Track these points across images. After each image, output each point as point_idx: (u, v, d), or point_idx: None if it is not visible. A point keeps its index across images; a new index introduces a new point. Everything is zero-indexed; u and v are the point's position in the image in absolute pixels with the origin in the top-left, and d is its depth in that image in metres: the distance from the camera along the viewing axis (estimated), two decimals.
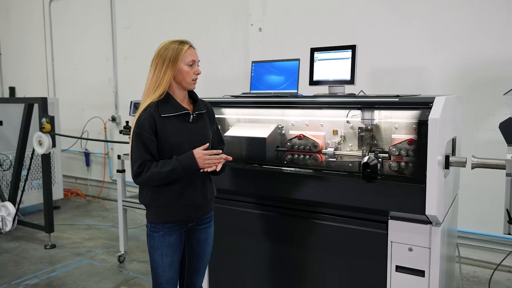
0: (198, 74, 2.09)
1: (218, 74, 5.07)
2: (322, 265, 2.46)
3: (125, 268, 3.89)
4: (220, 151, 2.08)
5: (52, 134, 4.35)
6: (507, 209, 1.99)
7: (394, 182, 2.13)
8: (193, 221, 2.14)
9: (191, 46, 2.08)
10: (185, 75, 2.04)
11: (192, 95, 2.17)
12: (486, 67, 3.56)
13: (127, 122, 4.18)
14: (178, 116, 2.04)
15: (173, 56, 2.02)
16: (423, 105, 2.08)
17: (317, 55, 2.72)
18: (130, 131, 4.08)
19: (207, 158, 1.98)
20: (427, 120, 1.96)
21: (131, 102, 4.19)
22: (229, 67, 5.00)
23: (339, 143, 2.45)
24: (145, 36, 5.68)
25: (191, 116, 2.07)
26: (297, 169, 2.43)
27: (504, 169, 1.98)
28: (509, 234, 2.06)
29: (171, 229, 2.08)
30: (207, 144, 2.04)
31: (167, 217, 2.06)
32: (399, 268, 2.20)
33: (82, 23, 6.42)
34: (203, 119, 2.14)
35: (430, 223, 2.10)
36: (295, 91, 2.79)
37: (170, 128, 2.01)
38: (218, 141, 2.27)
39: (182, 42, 2.07)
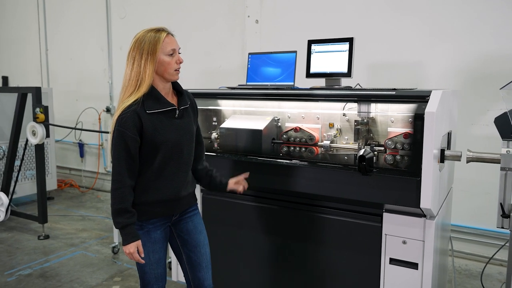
0: (180, 63, 1.95)
1: (214, 65, 5.04)
2: (316, 257, 2.46)
3: (119, 259, 3.89)
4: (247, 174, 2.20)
5: (46, 124, 4.31)
6: (500, 203, 2.00)
7: (389, 175, 2.13)
8: (176, 214, 2.08)
9: (169, 33, 1.95)
10: (166, 66, 1.91)
11: (176, 87, 2.05)
12: (483, 63, 3.57)
13: None
14: (164, 112, 1.92)
15: (150, 48, 1.87)
16: (420, 98, 2.07)
17: (314, 47, 2.71)
18: None
19: (133, 258, 1.89)
20: (423, 114, 1.96)
21: None
22: (225, 59, 4.97)
23: (335, 136, 2.45)
24: (141, 27, 5.51)
25: (177, 112, 1.97)
26: (293, 162, 2.43)
27: (499, 163, 1.98)
28: (502, 228, 2.07)
29: (155, 225, 2.01)
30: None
31: (149, 214, 1.98)
32: (393, 261, 2.22)
33: (77, 13, 6.35)
34: (187, 113, 2.04)
35: (424, 216, 2.12)
36: (292, 83, 2.78)
37: (156, 125, 1.89)
38: (197, 141, 2.14)
39: (159, 30, 1.92)
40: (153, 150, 1.91)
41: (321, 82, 2.75)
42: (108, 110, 6.08)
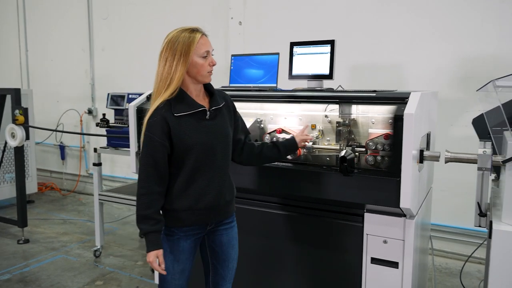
0: (213, 65, 1.89)
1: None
2: (299, 257, 2.48)
3: (101, 262, 3.84)
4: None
5: (26, 126, 4.23)
6: (477, 202, 2.05)
7: (370, 176, 2.15)
8: (211, 224, 1.97)
9: (203, 34, 1.87)
10: (199, 69, 1.84)
11: (208, 87, 1.98)
12: (462, 65, 3.65)
13: (103, 114, 4.10)
14: (193, 114, 1.84)
15: (184, 49, 1.80)
16: (399, 100, 2.11)
17: (296, 49, 2.73)
18: (107, 124, 4.05)
19: (153, 267, 1.82)
20: (403, 115, 1.99)
21: (108, 94, 4.13)
22: None
23: (317, 137, 2.47)
24: (124, 27, 5.58)
25: (208, 113, 1.88)
26: (275, 163, 2.44)
27: (476, 163, 2.03)
28: (479, 226, 2.12)
29: (187, 234, 1.91)
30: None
31: (182, 221, 1.89)
32: (374, 260, 2.24)
33: (58, 13, 6.26)
34: (221, 114, 1.94)
35: (404, 216, 2.15)
36: (275, 85, 2.79)
37: (185, 128, 1.81)
38: (242, 129, 2.11)
39: (194, 31, 1.84)
40: (184, 154, 1.83)
41: (304, 83, 2.77)
42: (90, 111, 6.01)
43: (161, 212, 1.89)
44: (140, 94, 3.09)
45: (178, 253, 1.91)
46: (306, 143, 2.25)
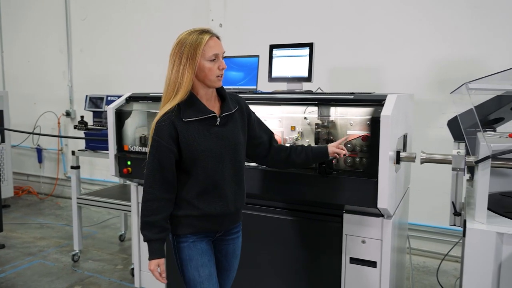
0: (222, 69, 1.79)
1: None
2: (279, 258, 2.49)
3: (79, 267, 3.78)
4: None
5: (1, 129, 4.14)
6: (452, 202, 2.10)
7: (349, 177, 2.19)
8: (221, 231, 1.92)
9: (213, 35, 1.78)
10: (207, 73, 1.75)
11: (220, 91, 1.89)
12: (438, 68, 3.74)
13: (82, 117, 4.05)
14: (203, 120, 1.78)
15: (191, 52, 1.72)
16: (376, 102, 2.15)
17: (275, 51, 2.75)
18: (85, 126, 3.99)
19: (154, 275, 1.77)
20: (379, 117, 2.03)
21: (87, 96, 4.08)
22: None
23: (296, 139, 2.49)
24: (103, 29, 5.51)
25: (218, 119, 1.81)
26: (255, 164, 2.45)
27: (450, 164, 2.08)
28: (454, 225, 2.17)
29: (199, 236, 1.85)
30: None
31: (195, 227, 1.83)
32: (353, 260, 2.28)
33: (35, 14, 6.13)
34: (233, 120, 1.86)
35: (382, 216, 2.19)
36: (255, 87, 2.81)
37: (193, 134, 1.76)
38: (263, 131, 2.03)
39: (203, 32, 1.76)
40: (193, 161, 1.77)
41: (283, 86, 2.79)
42: (68, 114, 5.91)
43: (168, 220, 1.83)
44: (119, 96, 3.05)
45: (198, 256, 1.84)
46: (339, 156, 2.07)
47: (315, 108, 2.40)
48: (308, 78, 2.65)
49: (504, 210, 2.00)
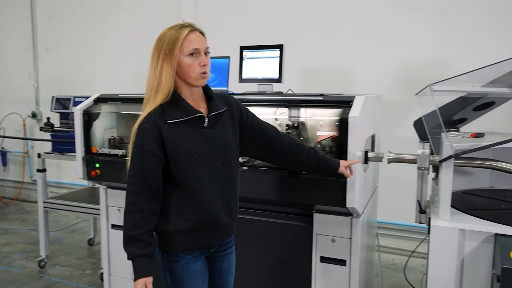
0: (204, 65, 1.65)
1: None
2: (250, 259, 2.50)
3: (46, 273, 3.67)
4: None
5: None
6: (418, 200, 2.16)
7: (318, 177, 2.21)
8: (215, 246, 1.79)
9: (193, 29, 1.65)
10: (187, 70, 1.62)
11: (206, 91, 1.76)
12: (406, 70, 3.85)
13: (48, 118, 3.93)
14: (189, 120, 1.65)
15: (168, 48, 1.60)
16: (345, 103, 2.19)
17: (246, 53, 2.76)
18: (51, 128, 3.89)
19: None
20: (348, 118, 2.07)
21: (53, 97, 3.98)
22: None
23: None
24: (70, 28, 5.37)
25: (206, 120, 1.69)
26: None
27: (416, 163, 2.14)
28: (420, 223, 2.23)
29: (194, 255, 1.71)
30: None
31: (188, 243, 1.69)
32: (323, 259, 2.31)
33: None
34: (223, 120, 1.73)
35: (351, 215, 2.23)
36: (226, 88, 2.81)
37: (179, 137, 1.62)
38: (263, 128, 1.89)
39: (183, 26, 1.64)
40: (180, 166, 1.63)
41: (254, 87, 2.80)
42: (34, 115, 5.73)
43: (154, 233, 1.68)
44: (87, 97, 2.99)
45: (192, 278, 1.70)
46: (344, 175, 2.02)
47: (286, 109, 2.42)
48: (279, 80, 2.67)
49: (466, 207, 2.08)
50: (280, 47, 2.66)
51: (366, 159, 2.23)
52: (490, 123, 3.12)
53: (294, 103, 2.37)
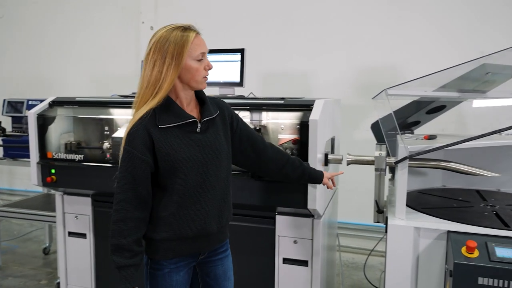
0: (209, 69, 1.66)
1: (107, 72, 4.82)
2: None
3: None
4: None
5: None
6: (376, 200, 2.23)
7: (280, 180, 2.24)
8: (204, 253, 1.75)
9: (198, 33, 1.64)
10: (194, 73, 1.60)
11: (199, 95, 1.73)
12: (363, 74, 3.98)
13: None
14: (182, 126, 1.60)
15: (176, 50, 1.56)
16: (305, 107, 2.23)
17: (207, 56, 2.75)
18: (3, 132, 3.71)
19: None
20: (308, 121, 2.11)
21: (5, 100, 3.81)
22: (119, 65, 4.78)
23: None
24: (22, 28, 5.14)
25: (199, 125, 1.65)
26: None
27: (374, 164, 2.21)
28: (378, 222, 2.31)
29: (178, 265, 1.67)
30: None
31: (173, 252, 1.65)
32: (285, 260, 2.34)
33: None
34: (215, 126, 1.70)
35: (312, 216, 2.27)
36: None
37: (171, 142, 1.58)
38: (250, 135, 1.87)
39: (186, 29, 1.60)
40: (171, 172, 1.59)
41: (216, 90, 2.80)
42: None
43: (143, 242, 1.64)
44: (41, 100, 2.89)
45: None
46: (327, 186, 2.08)
47: (247, 113, 2.43)
48: (240, 83, 2.68)
49: (421, 206, 2.18)
50: (241, 51, 2.67)
51: (326, 161, 2.29)
52: (442, 126, 3.28)
53: (256, 106, 2.39)
